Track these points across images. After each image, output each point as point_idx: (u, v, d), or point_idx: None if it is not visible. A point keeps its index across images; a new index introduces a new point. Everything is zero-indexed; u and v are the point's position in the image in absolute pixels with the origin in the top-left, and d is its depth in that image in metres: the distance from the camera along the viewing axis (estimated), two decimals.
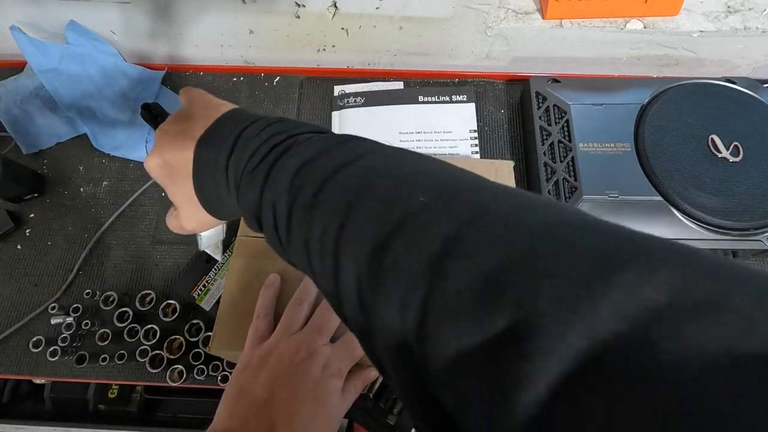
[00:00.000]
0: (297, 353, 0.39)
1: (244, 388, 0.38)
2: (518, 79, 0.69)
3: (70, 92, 0.64)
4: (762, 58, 0.64)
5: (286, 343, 0.39)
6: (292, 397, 0.36)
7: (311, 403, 0.37)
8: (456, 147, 0.64)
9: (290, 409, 0.36)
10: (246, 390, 0.38)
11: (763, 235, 0.52)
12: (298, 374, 0.37)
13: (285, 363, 0.38)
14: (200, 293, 0.55)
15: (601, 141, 0.56)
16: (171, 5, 0.60)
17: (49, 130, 0.65)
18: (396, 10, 0.59)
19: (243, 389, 0.38)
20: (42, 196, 0.63)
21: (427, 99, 0.67)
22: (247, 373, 0.39)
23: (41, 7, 0.61)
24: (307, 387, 0.37)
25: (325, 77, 0.70)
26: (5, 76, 0.69)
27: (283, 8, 0.59)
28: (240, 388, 0.38)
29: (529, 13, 0.61)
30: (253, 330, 0.42)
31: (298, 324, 0.42)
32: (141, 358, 0.53)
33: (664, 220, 0.52)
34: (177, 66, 0.70)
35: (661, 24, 0.60)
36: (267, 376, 0.38)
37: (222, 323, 0.46)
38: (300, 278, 0.46)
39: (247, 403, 0.37)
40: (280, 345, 0.39)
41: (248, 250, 0.49)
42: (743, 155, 0.54)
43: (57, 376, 0.54)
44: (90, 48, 0.65)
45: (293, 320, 0.42)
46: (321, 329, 0.41)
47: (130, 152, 0.64)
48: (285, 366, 0.38)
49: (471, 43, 0.64)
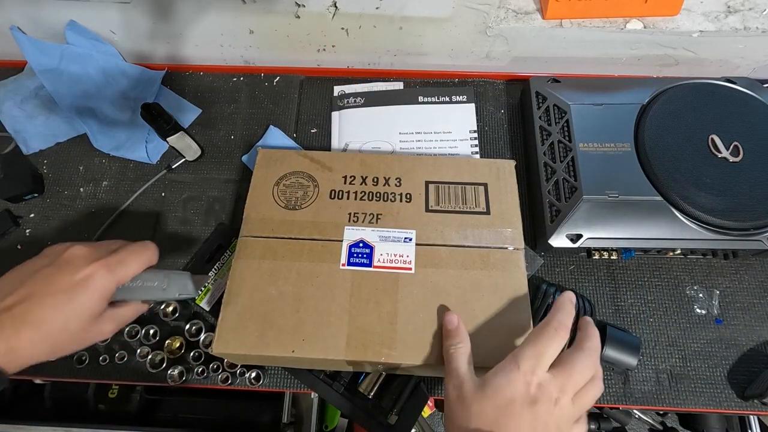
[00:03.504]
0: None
1: None
2: (518, 79, 0.69)
3: (70, 92, 0.64)
4: (762, 58, 0.64)
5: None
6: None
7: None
8: (456, 147, 0.64)
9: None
10: None
11: (763, 235, 0.52)
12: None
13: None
14: (200, 293, 0.55)
15: (601, 141, 0.56)
16: (171, 5, 0.60)
17: (49, 130, 0.65)
18: (396, 10, 0.59)
19: None
20: (42, 196, 0.63)
21: (427, 99, 0.67)
22: None
23: (41, 7, 0.61)
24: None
25: (325, 77, 0.70)
26: (5, 76, 0.69)
27: (283, 8, 0.59)
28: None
29: (529, 13, 0.61)
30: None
31: None
32: (141, 358, 0.53)
33: (664, 220, 0.52)
34: (177, 66, 0.70)
35: (661, 24, 0.60)
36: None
37: (224, 324, 0.46)
38: None
39: None
40: None
41: (250, 250, 0.49)
42: (743, 155, 0.54)
43: (57, 376, 0.54)
44: (90, 48, 0.65)
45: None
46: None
47: (130, 152, 0.64)
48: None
49: (471, 43, 0.64)
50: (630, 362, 0.51)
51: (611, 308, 0.56)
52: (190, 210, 0.61)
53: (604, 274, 0.58)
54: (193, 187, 0.63)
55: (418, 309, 0.46)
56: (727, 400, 0.52)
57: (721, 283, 0.57)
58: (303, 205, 0.52)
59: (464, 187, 0.53)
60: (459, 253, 0.49)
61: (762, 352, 0.54)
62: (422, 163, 0.55)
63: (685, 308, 0.56)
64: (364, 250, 0.49)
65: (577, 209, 0.52)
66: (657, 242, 0.52)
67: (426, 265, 0.49)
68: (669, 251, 0.55)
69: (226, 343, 0.45)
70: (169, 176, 0.64)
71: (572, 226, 0.53)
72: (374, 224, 0.51)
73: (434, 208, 0.52)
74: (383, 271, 0.48)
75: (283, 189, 0.53)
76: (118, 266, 0.39)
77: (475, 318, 0.46)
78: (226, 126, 0.67)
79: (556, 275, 0.58)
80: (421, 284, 0.48)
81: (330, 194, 0.53)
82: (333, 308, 0.46)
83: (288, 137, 0.65)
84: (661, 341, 0.54)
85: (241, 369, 0.54)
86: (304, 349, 0.44)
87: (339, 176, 0.54)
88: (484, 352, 0.44)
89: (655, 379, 0.53)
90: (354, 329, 0.45)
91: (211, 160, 0.65)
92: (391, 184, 0.54)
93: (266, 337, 0.45)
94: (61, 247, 0.40)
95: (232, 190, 0.63)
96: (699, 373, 0.53)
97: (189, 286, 0.43)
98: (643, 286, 0.57)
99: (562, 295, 0.42)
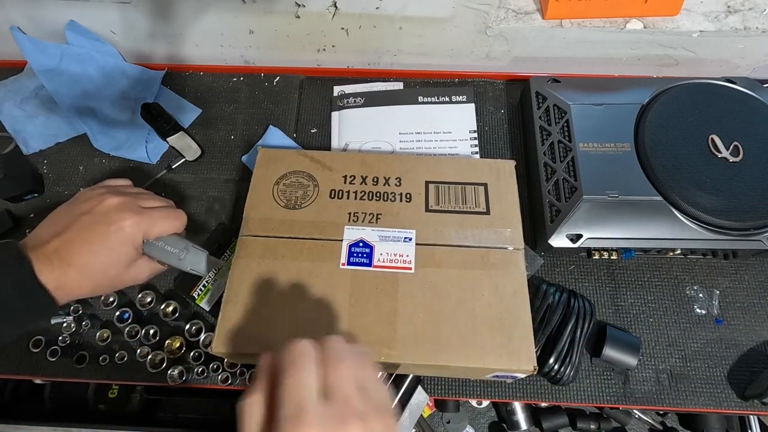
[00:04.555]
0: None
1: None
2: (518, 79, 0.69)
3: (70, 92, 0.64)
4: (762, 58, 0.64)
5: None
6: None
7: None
8: (456, 147, 0.64)
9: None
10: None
11: (763, 235, 0.52)
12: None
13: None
14: (200, 293, 0.55)
15: (601, 141, 0.56)
16: (171, 5, 0.60)
17: (49, 130, 0.65)
18: (396, 10, 0.59)
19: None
20: (42, 196, 0.63)
21: (427, 99, 0.67)
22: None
23: (41, 7, 0.61)
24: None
25: (325, 77, 0.70)
26: (5, 76, 0.69)
27: (283, 8, 0.59)
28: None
29: (529, 13, 0.61)
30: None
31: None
32: (141, 358, 0.53)
33: (664, 220, 0.52)
34: (177, 66, 0.70)
35: (661, 24, 0.60)
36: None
37: (224, 323, 0.46)
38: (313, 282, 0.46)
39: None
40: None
41: (250, 250, 0.49)
42: (743, 155, 0.54)
43: (57, 376, 0.54)
44: (90, 48, 0.65)
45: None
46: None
47: (130, 152, 0.64)
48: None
49: (471, 43, 0.64)
50: (630, 362, 0.51)
51: (611, 308, 0.56)
52: (190, 210, 0.61)
53: (604, 274, 0.58)
54: (193, 187, 0.63)
55: (418, 309, 0.46)
56: (727, 400, 0.52)
57: (721, 283, 0.57)
58: (303, 205, 0.52)
59: (464, 187, 0.53)
60: (459, 253, 0.49)
61: (762, 352, 0.54)
62: (422, 163, 0.55)
63: (685, 308, 0.56)
64: (364, 250, 0.49)
65: (577, 209, 0.52)
66: (657, 242, 0.52)
67: (426, 265, 0.49)
68: (669, 251, 0.55)
69: (226, 342, 0.45)
70: (169, 176, 0.64)
71: (572, 226, 0.53)
72: (374, 224, 0.51)
73: (434, 208, 0.52)
74: (383, 270, 0.48)
75: (283, 188, 0.53)
76: (147, 222, 0.44)
77: (475, 318, 0.46)
78: (226, 126, 0.67)
79: (556, 275, 0.58)
80: (421, 284, 0.48)
81: (330, 194, 0.53)
82: (333, 308, 0.46)
83: (288, 137, 0.65)
84: (661, 341, 0.54)
85: (241, 369, 0.54)
86: None
87: (339, 176, 0.54)
88: (483, 353, 0.44)
89: (655, 379, 0.53)
90: (354, 329, 0.45)
91: (211, 160, 0.65)
92: (391, 184, 0.54)
93: (266, 337, 0.45)
94: (95, 192, 0.44)
95: (232, 190, 0.63)
96: (699, 373, 0.53)
97: (202, 264, 0.46)
98: (643, 286, 0.57)
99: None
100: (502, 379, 0.52)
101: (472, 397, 0.54)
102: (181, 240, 0.46)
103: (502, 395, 0.53)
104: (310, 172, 0.54)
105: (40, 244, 0.40)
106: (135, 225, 0.43)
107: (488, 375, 0.48)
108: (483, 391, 0.53)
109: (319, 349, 0.31)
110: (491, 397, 0.53)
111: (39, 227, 0.43)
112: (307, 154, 0.56)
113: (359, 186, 0.53)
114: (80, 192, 0.46)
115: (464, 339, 0.45)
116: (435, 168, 0.55)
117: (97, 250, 0.41)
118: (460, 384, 0.54)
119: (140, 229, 0.43)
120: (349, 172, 0.54)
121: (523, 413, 0.78)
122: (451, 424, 0.80)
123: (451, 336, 0.45)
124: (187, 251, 0.45)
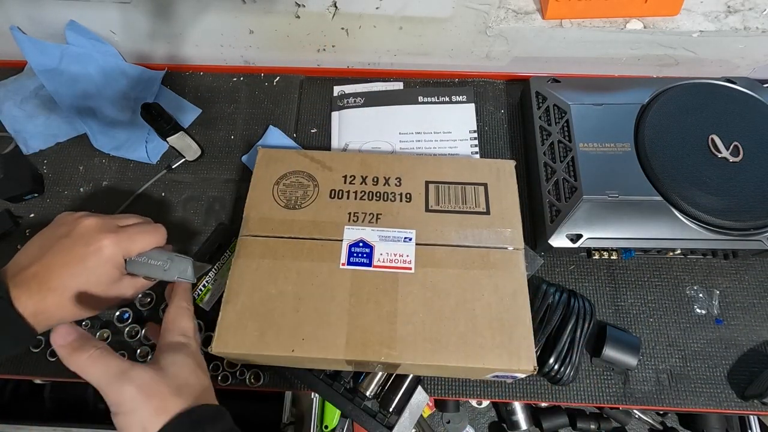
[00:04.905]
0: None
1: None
2: (518, 79, 0.69)
3: (70, 92, 0.64)
4: (762, 58, 0.64)
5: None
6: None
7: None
8: (456, 147, 0.64)
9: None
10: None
11: (763, 235, 0.52)
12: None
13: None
14: (200, 293, 0.55)
15: (601, 141, 0.56)
16: (171, 5, 0.60)
17: (49, 130, 0.65)
18: (396, 10, 0.59)
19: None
20: (42, 196, 0.63)
21: (427, 99, 0.67)
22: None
23: (41, 7, 0.61)
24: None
25: (325, 77, 0.70)
26: (5, 76, 0.69)
27: (283, 8, 0.59)
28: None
29: (529, 13, 0.61)
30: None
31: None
32: (141, 358, 0.53)
33: (664, 220, 0.52)
34: (177, 66, 0.70)
35: (661, 24, 0.60)
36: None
37: (224, 323, 0.46)
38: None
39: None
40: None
41: (250, 250, 0.49)
42: (743, 155, 0.54)
43: (57, 376, 0.54)
44: (90, 48, 0.65)
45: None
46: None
47: (130, 152, 0.64)
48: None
49: (471, 43, 0.64)
50: (630, 362, 0.51)
51: (611, 308, 0.56)
52: (190, 210, 0.61)
53: (604, 274, 0.58)
54: (193, 187, 0.63)
55: (418, 309, 0.46)
56: (727, 400, 0.52)
57: (721, 283, 0.57)
58: (303, 205, 0.52)
59: (464, 187, 0.53)
60: (459, 252, 0.49)
61: (762, 352, 0.54)
62: (422, 163, 0.55)
63: (685, 308, 0.56)
64: (364, 250, 0.49)
65: (577, 209, 0.52)
66: (657, 242, 0.52)
67: (426, 265, 0.49)
68: (669, 251, 0.55)
69: (225, 342, 0.45)
70: (169, 176, 0.64)
71: (572, 226, 0.53)
72: (374, 224, 0.51)
73: (434, 208, 0.52)
74: (383, 270, 0.48)
75: (283, 188, 0.53)
76: (126, 240, 0.43)
77: (475, 318, 0.46)
78: (226, 126, 0.67)
79: (556, 275, 0.58)
80: (421, 284, 0.48)
81: (330, 194, 0.53)
82: (333, 308, 0.46)
83: (288, 137, 0.65)
84: (661, 341, 0.54)
85: (241, 369, 0.54)
86: (304, 349, 0.44)
87: (339, 176, 0.54)
88: (483, 353, 0.44)
89: (655, 379, 0.53)
90: (354, 329, 0.45)
91: (211, 160, 0.65)
92: (391, 184, 0.54)
93: (266, 337, 0.45)
94: (72, 216, 0.44)
95: (232, 190, 0.63)
96: (699, 373, 0.53)
97: (189, 270, 0.45)
98: (643, 286, 0.57)
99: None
100: (502, 379, 0.52)
101: (472, 397, 0.54)
102: (163, 252, 0.45)
103: (502, 395, 0.53)
104: (310, 172, 0.54)
105: (20, 270, 0.39)
106: (114, 244, 0.42)
107: (488, 375, 0.48)
108: (483, 391, 0.53)
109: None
110: (491, 397, 0.53)
111: (19, 253, 0.42)
112: (307, 154, 0.56)
113: (359, 186, 0.53)
114: (59, 215, 0.45)
115: (464, 339, 0.45)
116: (435, 168, 0.55)
117: (76, 272, 0.40)
118: (460, 384, 0.54)
119: (120, 248, 0.42)
120: (349, 172, 0.54)
121: (523, 413, 0.78)
122: (451, 424, 0.80)
123: (451, 336, 0.45)
124: (171, 261, 0.45)
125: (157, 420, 0.34)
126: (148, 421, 0.34)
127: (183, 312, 0.43)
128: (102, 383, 0.34)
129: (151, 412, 0.34)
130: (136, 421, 0.34)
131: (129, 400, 0.34)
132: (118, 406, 0.34)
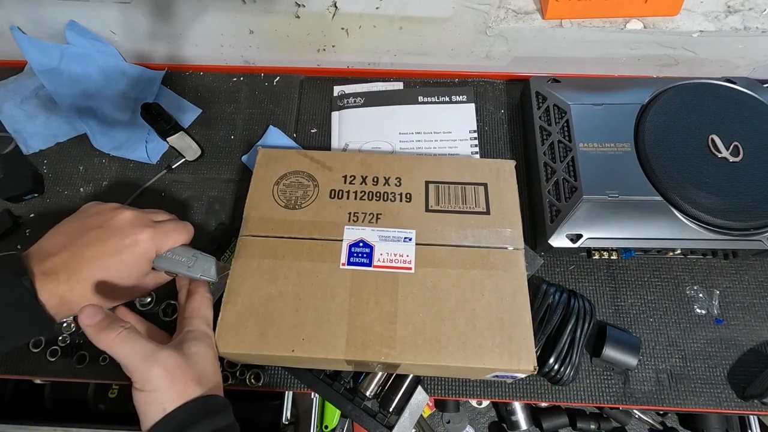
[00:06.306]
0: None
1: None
2: (518, 79, 0.69)
3: (70, 92, 0.64)
4: (762, 58, 0.64)
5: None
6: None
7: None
8: (456, 147, 0.64)
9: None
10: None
11: (763, 235, 0.52)
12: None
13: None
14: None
15: (601, 141, 0.56)
16: (171, 5, 0.60)
17: (49, 130, 0.65)
18: (396, 10, 0.59)
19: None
20: (42, 196, 0.63)
21: (427, 99, 0.67)
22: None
23: (41, 7, 0.61)
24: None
25: (325, 77, 0.70)
26: (5, 76, 0.69)
27: (283, 8, 0.59)
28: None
29: (529, 13, 0.61)
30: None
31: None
32: None
33: (664, 220, 0.52)
34: (177, 66, 0.70)
35: (661, 24, 0.60)
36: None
37: (224, 323, 0.46)
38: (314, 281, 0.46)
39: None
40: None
41: (250, 250, 0.49)
42: (743, 155, 0.54)
43: (57, 376, 0.54)
44: (90, 48, 0.65)
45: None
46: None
47: (130, 152, 0.64)
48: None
49: (471, 43, 0.64)
50: (630, 362, 0.51)
51: (611, 308, 0.56)
52: (190, 210, 0.61)
53: (604, 274, 0.58)
54: (193, 187, 0.63)
55: (418, 309, 0.46)
56: (727, 400, 0.52)
57: (721, 283, 0.57)
58: (303, 205, 0.52)
59: (464, 187, 0.53)
60: (459, 252, 0.49)
61: (762, 352, 0.54)
62: (422, 163, 0.55)
63: (685, 308, 0.56)
64: (364, 250, 0.49)
65: (577, 209, 0.52)
66: (657, 242, 0.52)
67: (426, 265, 0.49)
68: (669, 251, 0.55)
69: (225, 342, 0.45)
70: (169, 176, 0.64)
71: (572, 226, 0.53)
72: (374, 224, 0.51)
73: (434, 207, 0.52)
74: (383, 270, 0.48)
75: (283, 188, 0.53)
76: (161, 236, 0.44)
77: (475, 318, 0.46)
78: (226, 126, 0.67)
79: (556, 275, 0.58)
80: (421, 284, 0.48)
81: (330, 194, 0.53)
82: (333, 308, 0.46)
83: (288, 137, 0.65)
84: (661, 341, 0.54)
85: (241, 369, 0.54)
86: (304, 349, 0.44)
87: (339, 176, 0.54)
88: (483, 353, 0.44)
89: (655, 379, 0.53)
90: (354, 329, 0.45)
91: (211, 160, 0.65)
92: (391, 184, 0.54)
93: (266, 337, 0.45)
94: (106, 207, 0.44)
95: (232, 190, 0.63)
96: (699, 373, 0.53)
97: (212, 270, 0.46)
98: (643, 286, 0.57)
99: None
100: (502, 379, 0.52)
101: (472, 397, 0.54)
102: (189, 249, 0.46)
103: (502, 395, 0.53)
104: (310, 172, 0.54)
105: (46, 257, 0.39)
106: (150, 239, 0.42)
107: (488, 375, 0.48)
108: (483, 391, 0.53)
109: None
110: (491, 397, 0.53)
111: (44, 239, 0.42)
112: (307, 154, 0.56)
113: (359, 186, 0.53)
114: (88, 205, 0.45)
115: (464, 339, 0.45)
116: (435, 168, 0.55)
117: (109, 265, 0.40)
118: (460, 384, 0.54)
119: (155, 244, 0.43)
120: (349, 172, 0.54)
121: (523, 413, 0.78)
122: (451, 424, 0.80)
123: (451, 336, 0.45)
124: (195, 258, 0.46)
125: (177, 401, 0.36)
126: (169, 401, 0.36)
127: (207, 302, 0.45)
128: (130, 361, 0.36)
129: (174, 395, 0.36)
130: (157, 399, 0.36)
131: (155, 379, 0.36)
132: (143, 383, 0.36)
